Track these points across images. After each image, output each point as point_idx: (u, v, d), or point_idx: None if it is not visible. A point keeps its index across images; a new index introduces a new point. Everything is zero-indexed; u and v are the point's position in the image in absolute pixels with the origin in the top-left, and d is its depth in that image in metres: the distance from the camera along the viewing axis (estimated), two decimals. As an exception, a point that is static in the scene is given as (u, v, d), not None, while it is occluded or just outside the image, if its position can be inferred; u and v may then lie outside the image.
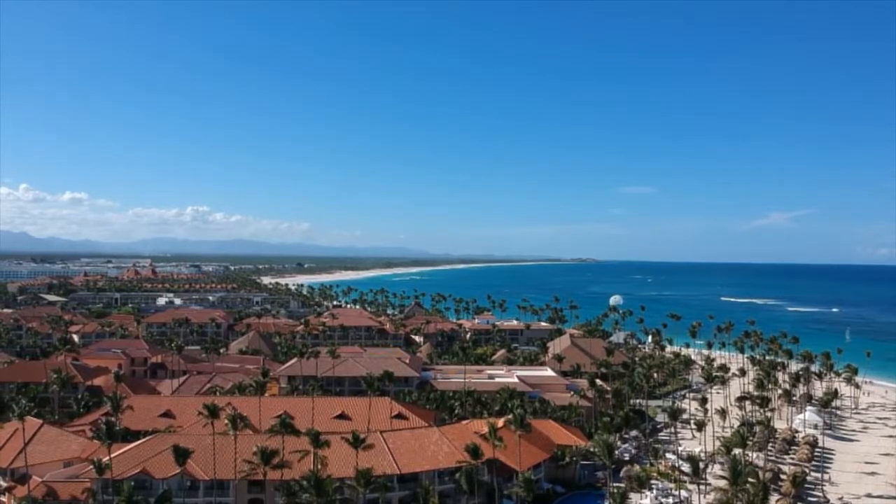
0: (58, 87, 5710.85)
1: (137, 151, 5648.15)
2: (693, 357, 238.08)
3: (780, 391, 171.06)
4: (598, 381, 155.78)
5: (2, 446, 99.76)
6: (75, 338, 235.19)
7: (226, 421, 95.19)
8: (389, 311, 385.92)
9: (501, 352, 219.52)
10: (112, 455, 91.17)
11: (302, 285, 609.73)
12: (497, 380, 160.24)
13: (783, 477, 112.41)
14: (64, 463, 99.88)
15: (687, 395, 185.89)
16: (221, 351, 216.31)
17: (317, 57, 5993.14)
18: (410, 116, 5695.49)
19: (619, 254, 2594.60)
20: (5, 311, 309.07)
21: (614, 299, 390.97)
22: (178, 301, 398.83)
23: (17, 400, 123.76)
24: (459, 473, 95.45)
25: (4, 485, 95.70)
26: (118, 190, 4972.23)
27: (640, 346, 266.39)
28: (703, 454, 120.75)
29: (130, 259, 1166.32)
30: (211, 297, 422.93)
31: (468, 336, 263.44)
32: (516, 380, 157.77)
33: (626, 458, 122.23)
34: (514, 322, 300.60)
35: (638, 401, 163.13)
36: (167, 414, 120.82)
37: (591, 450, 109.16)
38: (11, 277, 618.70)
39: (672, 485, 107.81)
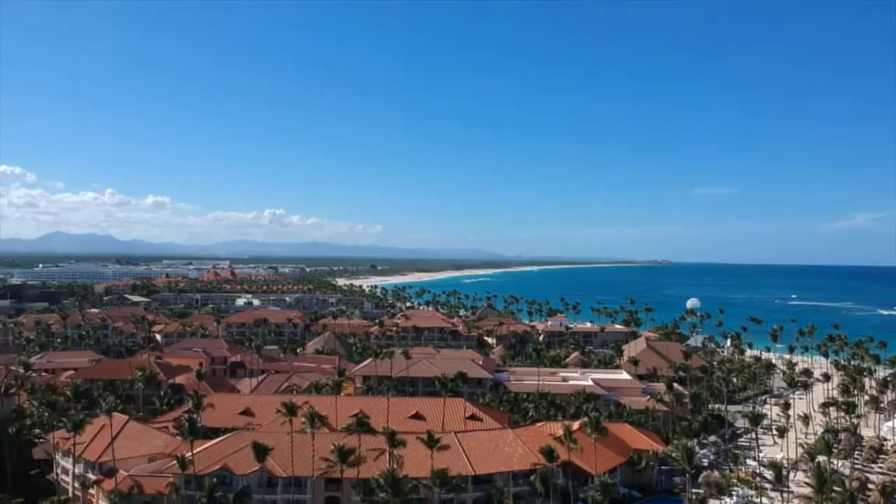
0: (144, 95, 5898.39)
1: (217, 156, 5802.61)
2: (774, 361, 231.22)
3: (866, 397, 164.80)
4: (676, 385, 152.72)
5: (91, 441, 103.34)
6: (158, 337, 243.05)
7: (303, 419, 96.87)
8: (462, 313, 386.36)
9: (575, 354, 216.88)
10: (194, 451, 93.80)
11: (375, 287, 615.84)
12: (571, 382, 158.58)
13: (871, 486, 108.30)
14: (148, 458, 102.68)
15: (768, 400, 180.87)
16: (298, 351, 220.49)
17: (393, 62, 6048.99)
18: (482, 121, 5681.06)
19: (695, 255, 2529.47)
20: (92, 310, 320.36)
21: (691, 302, 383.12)
22: (256, 302, 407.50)
23: (104, 396, 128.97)
24: (534, 476, 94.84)
25: (93, 478, 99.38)
26: (199, 194, 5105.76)
27: (718, 349, 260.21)
28: (785, 461, 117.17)
29: (210, 261, 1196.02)
30: (287, 298, 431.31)
31: (541, 338, 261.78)
32: (591, 383, 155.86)
33: (705, 464, 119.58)
34: (588, 324, 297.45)
35: (717, 406, 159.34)
36: (246, 412, 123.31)
37: (670, 454, 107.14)
38: (98, 279, 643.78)
39: (753, 492, 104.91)
